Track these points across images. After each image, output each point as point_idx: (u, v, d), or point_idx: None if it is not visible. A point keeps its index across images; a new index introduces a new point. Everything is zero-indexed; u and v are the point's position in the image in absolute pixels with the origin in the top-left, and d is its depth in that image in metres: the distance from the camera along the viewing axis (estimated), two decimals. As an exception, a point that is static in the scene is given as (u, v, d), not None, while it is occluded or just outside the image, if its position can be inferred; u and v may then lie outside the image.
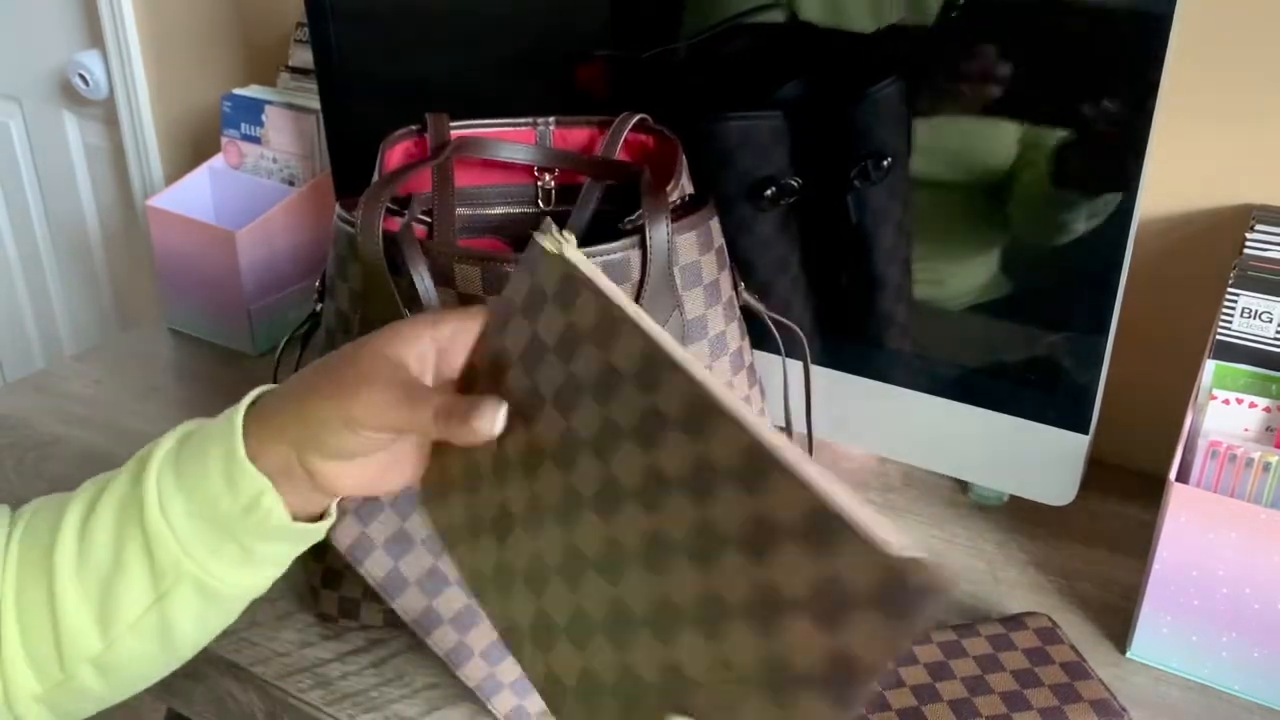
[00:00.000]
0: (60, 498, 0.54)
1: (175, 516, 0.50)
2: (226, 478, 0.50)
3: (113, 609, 0.51)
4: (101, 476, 0.54)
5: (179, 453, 0.52)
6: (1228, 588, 0.68)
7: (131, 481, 0.52)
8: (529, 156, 0.74)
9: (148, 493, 0.51)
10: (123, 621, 0.51)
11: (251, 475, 0.50)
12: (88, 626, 0.51)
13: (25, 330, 1.86)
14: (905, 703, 0.66)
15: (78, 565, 0.51)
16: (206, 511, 0.50)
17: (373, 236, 0.64)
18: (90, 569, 0.51)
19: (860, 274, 0.81)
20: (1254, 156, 0.83)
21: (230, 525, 0.51)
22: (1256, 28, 0.80)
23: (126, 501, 0.51)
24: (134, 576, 0.51)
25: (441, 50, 0.94)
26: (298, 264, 1.16)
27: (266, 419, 0.50)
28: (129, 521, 0.51)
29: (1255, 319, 0.73)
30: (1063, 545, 0.85)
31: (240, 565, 0.52)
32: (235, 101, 1.20)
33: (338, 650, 0.74)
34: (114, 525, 0.51)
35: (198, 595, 0.52)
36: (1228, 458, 0.69)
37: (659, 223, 0.64)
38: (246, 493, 0.50)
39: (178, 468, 0.51)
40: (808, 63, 0.78)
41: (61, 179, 1.68)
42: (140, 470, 0.52)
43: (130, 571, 0.51)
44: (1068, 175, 0.72)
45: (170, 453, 0.52)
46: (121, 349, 1.18)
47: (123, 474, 0.53)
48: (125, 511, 0.51)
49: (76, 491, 0.54)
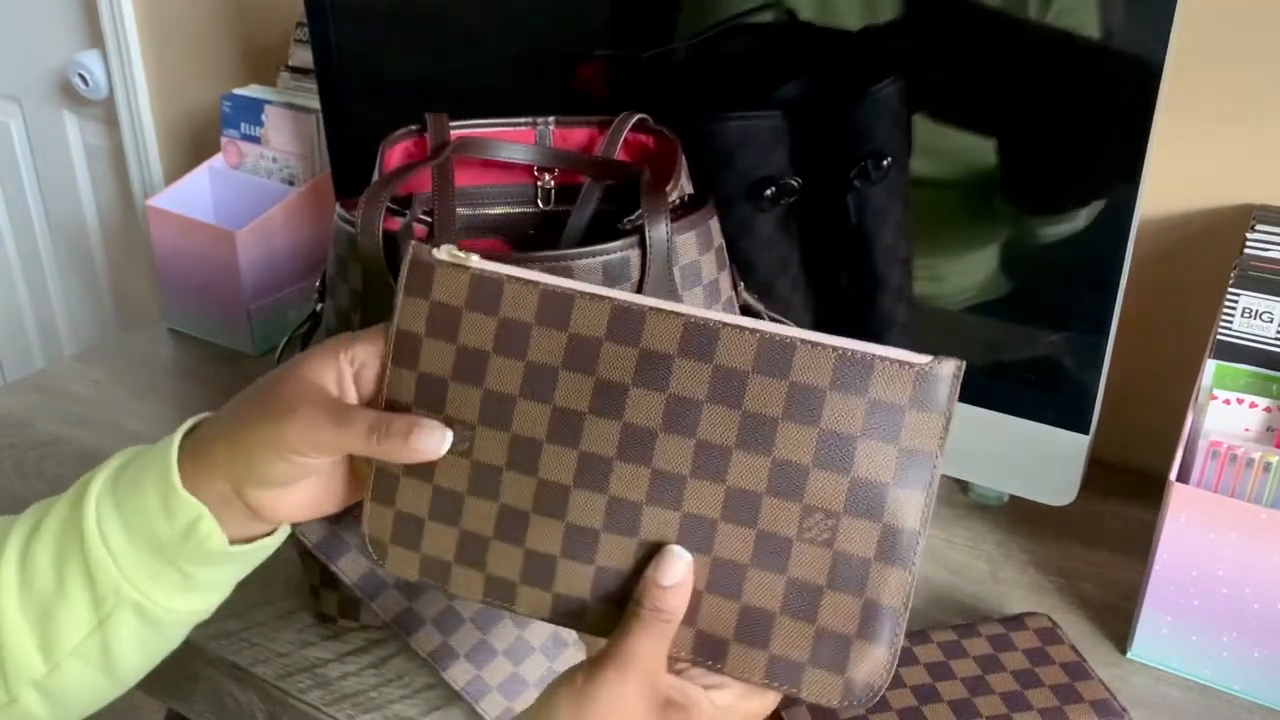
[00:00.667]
0: (4, 521, 0.54)
1: (114, 541, 0.51)
2: (163, 504, 0.50)
3: (55, 633, 0.51)
4: (44, 502, 0.54)
5: (117, 479, 0.52)
6: (1228, 588, 0.68)
7: (71, 506, 0.52)
8: (529, 156, 0.74)
9: (87, 517, 0.51)
10: (64, 646, 0.51)
11: (188, 502, 0.50)
12: (30, 649, 0.51)
13: (25, 330, 1.86)
14: (905, 703, 0.66)
15: (19, 588, 0.51)
16: (144, 537, 0.51)
17: (373, 236, 0.64)
18: (32, 592, 0.51)
19: (860, 274, 0.81)
20: (1254, 156, 0.83)
21: (169, 550, 0.51)
22: (1256, 28, 0.80)
23: (67, 526, 0.51)
24: (75, 601, 0.51)
25: (441, 50, 0.94)
26: (297, 264, 1.16)
27: (200, 455, 0.50)
28: (70, 546, 0.51)
29: (1256, 319, 0.73)
30: (1063, 545, 0.85)
31: (180, 590, 0.52)
32: (235, 101, 1.20)
33: (338, 650, 0.74)
34: (55, 549, 0.51)
35: (138, 620, 0.52)
36: (1228, 458, 0.69)
37: (658, 222, 0.64)
38: (183, 518, 0.50)
39: (115, 493, 0.51)
40: (807, 62, 0.78)
41: (61, 179, 1.68)
42: (80, 495, 0.52)
43: (71, 596, 0.51)
44: (1068, 175, 0.72)
45: (109, 479, 0.52)
46: (121, 349, 1.18)
47: (64, 499, 0.53)
48: (66, 536, 0.51)
49: (21, 515, 0.54)
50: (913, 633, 0.71)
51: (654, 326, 0.45)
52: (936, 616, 0.78)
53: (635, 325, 0.46)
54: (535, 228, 0.77)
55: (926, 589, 0.81)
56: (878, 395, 0.43)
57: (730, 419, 0.44)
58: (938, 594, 0.80)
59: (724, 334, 0.44)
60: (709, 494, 0.45)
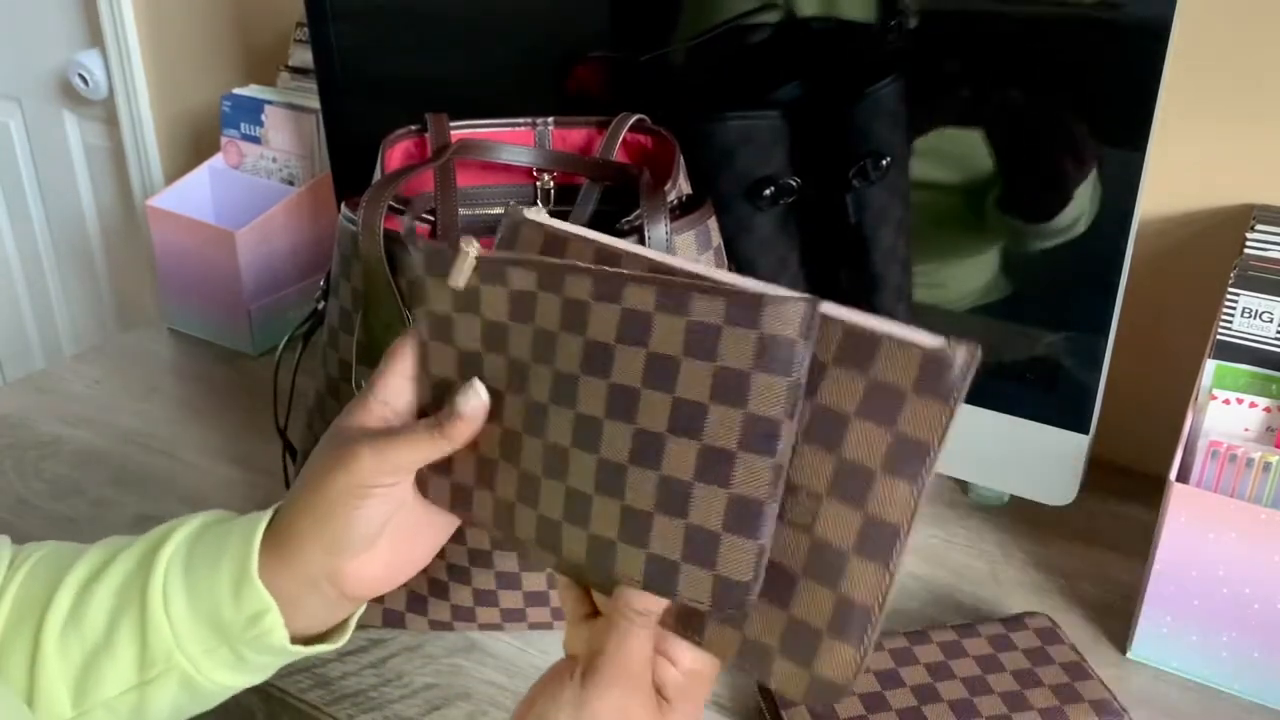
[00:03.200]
0: (70, 550, 0.54)
1: (176, 611, 0.51)
2: (234, 589, 0.50)
3: (93, 682, 0.51)
4: (114, 542, 0.54)
5: (193, 548, 0.52)
6: (1228, 588, 0.68)
7: (140, 563, 0.52)
8: (529, 159, 0.74)
9: (153, 580, 0.51)
10: (99, 696, 0.51)
11: (259, 594, 0.50)
12: (63, 693, 0.51)
13: (25, 330, 1.86)
14: (905, 703, 0.66)
15: (65, 629, 0.51)
16: (208, 614, 0.51)
17: (374, 236, 0.64)
18: (78, 638, 0.51)
19: (859, 273, 0.81)
20: (1254, 156, 0.83)
21: (229, 633, 0.51)
22: (1256, 28, 0.80)
23: (131, 581, 0.52)
24: (122, 657, 0.51)
25: (441, 50, 0.94)
26: (297, 264, 1.16)
27: (284, 537, 0.51)
28: (129, 602, 0.51)
29: (1256, 319, 0.73)
30: (1063, 545, 0.85)
31: (231, 669, 0.52)
32: (235, 101, 1.20)
33: (337, 650, 0.74)
34: (113, 601, 0.51)
35: (181, 688, 0.52)
36: (1228, 458, 0.69)
37: (657, 223, 0.64)
38: (250, 608, 0.50)
39: (188, 563, 0.52)
40: (806, 62, 0.78)
41: (61, 179, 1.68)
42: (151, 555, 0.52)
43: (119, 652, 0.51)
44: (1068, 175, 0.72)
45: (184, 545, 0.52)
46: (121, 349, 1.18)
47: (133, 550, 0.53)
48: (128, 591, 0.51)
49: (86, 551, 0.54)
50: (913, 633, 0.71)
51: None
52: (936, 616, 0.78)
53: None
54: (535, 228, 0.77)
55: (926, 589, 0.81)
56: (880, 375, 0.41)
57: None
58: (938, 594, 0.80)
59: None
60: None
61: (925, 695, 0.66)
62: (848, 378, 0.41)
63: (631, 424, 0.44)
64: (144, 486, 0.92)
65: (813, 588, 0.42)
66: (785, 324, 0.41)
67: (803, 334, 0.41)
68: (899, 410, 0.40)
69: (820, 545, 0.42)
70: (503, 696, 0.70)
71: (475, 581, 0.70)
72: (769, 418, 0.41)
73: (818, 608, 0.42)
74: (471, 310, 0.50)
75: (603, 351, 0.45)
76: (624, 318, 0.44)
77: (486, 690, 0.71)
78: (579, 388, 0.46)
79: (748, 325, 0.41)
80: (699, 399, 0.43)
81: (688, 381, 0.43)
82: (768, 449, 0.41)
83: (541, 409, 0.48)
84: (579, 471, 0.46)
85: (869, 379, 0.41)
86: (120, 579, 0.52)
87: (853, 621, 0.42)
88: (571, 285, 0.46)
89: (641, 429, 0.44)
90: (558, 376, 0.47)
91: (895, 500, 0.40)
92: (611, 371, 0.45)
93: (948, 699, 0.66)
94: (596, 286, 0.45)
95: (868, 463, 0.41)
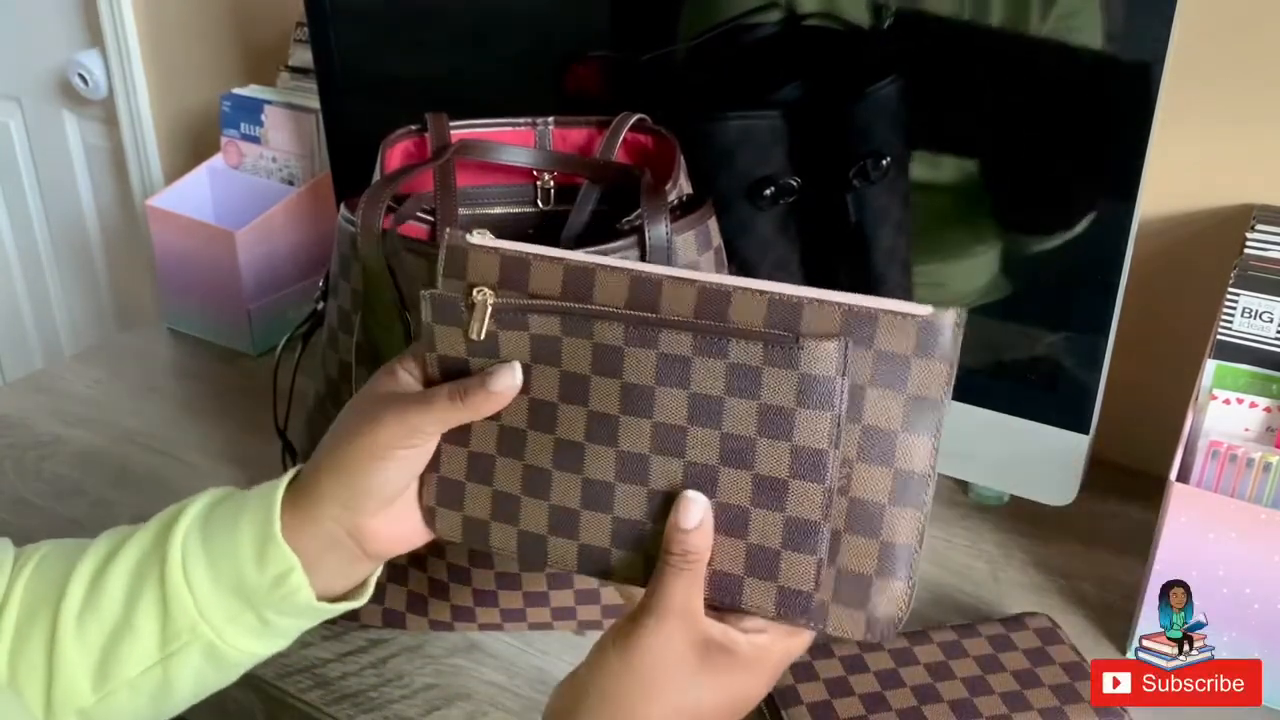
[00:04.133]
0: (74, 545, 0.54)
1: (198, 581, 0.51)
2: (258, 551, 0.51)
3: (114, 664, 0.51)
4: (120, 530, 0.55)
5: (208, 518, 0.53)
6: (1228, 588, 0.68)
7: (155, 541, 0.52)
8: (529, 160, 0.74)
9: (171, 553, 0.51)
10: (121, 677, 0.51)
11: (284, 553, 0.51)
12: (83, 680, 0.51)
13: (25, 330, 1.86)
14: (906, 703, 0.66)
15: (82, 616, 0.51)
16: (231, 580, 0.51)
17: (372, 237, 0.64)
18: (96, 622, 0.51)
19: (859, 274, 0.81)
20: (1254, 156, 0.83)
21: (254, 597, 0.52)
22: (1257, 28, 0.80)
23: (147, 560, 0.52)
24: (143, 635, 0.51)
25: (441, 50, 0.94)
26: (297, 264, 1.16)
27: (304, 496, 0.52)
28: (147, 580, 0.51)
29: (1256, 319, 0.73)
30: (1063, 545, 0.85)
31: (254, 635, 0.53)
32: (235, 101, 1.20)
33: (338, 650, 0.74)
34: (129, 582, 0.52)
35: (205, 658, 0.52)
36: (1228, 458, 0.69)
37: (657, 223, 0.64)
38: (275, 568, 0.51)
39: (205, 532, 0.52)
40: (806, 62, 0.78)
41: (61, 179, 1.68)
42: (166, 531, 0.52)
43: (140, 629, 0.51)
44: (1068, 175, 0.72)
45: (199, 517, 0.53)
46: (121, 349, 1.18)
47: (144, 531, 0.53)
48: (144, 569, 0.52)
49: (92, 542, 0.54)
50: (913, 633, 0.71)
51: (670, 293, 0.47)
52: (936, 616, 0.78)
53: (653, 294, 0.48)
54: (535, 227, 0.77)
55: (927, 589, 0.81)
56: (883, 346, 0.44)
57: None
58: (938, 594, 0.80)
59: (736, 296, 0.46)
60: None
61: (925, 695, 0.66)
62: (856, 353, 0.45)
63: (681, 458, 0.47)
64: (144, 487, 0.92)
65: (856, 541, 0.46)
66: (824, 364, 0.44)
67: (839, 370, 0.44)
68: (907, 374, 0.45)
69: (858, 503, 0.46)
70: (503, 696, 0.70)
71: (475, 581, 0.70)
72: (816, 449, 0.45)
73: (865, 556, 0.46)
74: (489, 355, 0.51)
75: (644, 394, 0.48)
76: (661, 362, 0.47)
77: (486, 690, 0.71)
78: (620, 427, 0.48)
79: (786, 366, 0.45)
80: (747, 434, 0.46)
81: (734, 418, 0.46)
82: (817, 477, 0.45)
83: (577, 447, 0.49)
84: (627, 501, 0.49)
85: (875, 351, 0.45)
86: (135, 559, 0.52)
87: (898, 560, 0.46)
88: (602, 331, 0.48)
89: (692, 462, 0.47)
90: (593, 416, 0.49)
91: (919, 453, 0.45)
92: (654, 411, 0.47)
93: (948, 699, 0.66)
94: (629, 332, 0.48)
95: (889, 425, 0.45)
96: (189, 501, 0.54)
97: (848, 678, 0.67)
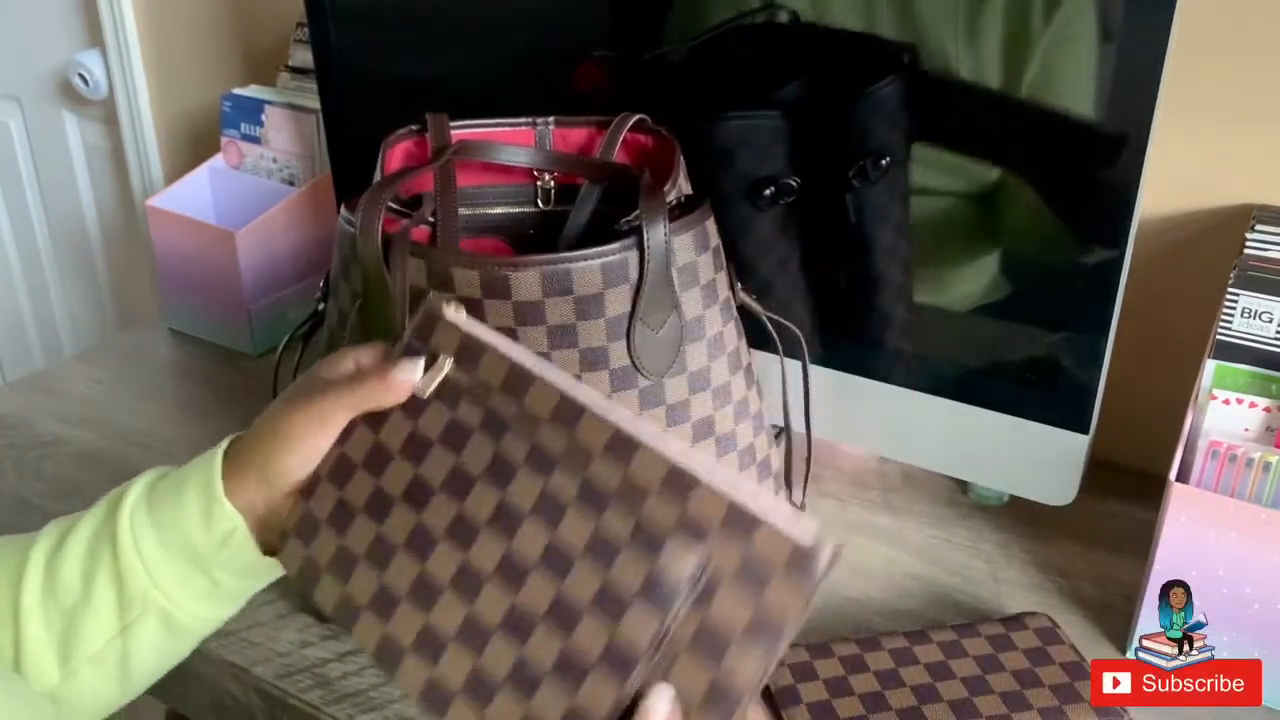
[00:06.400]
0: (21, 538, 0.56)
1: (147, 549, 0.53)
2: (203, 513, 0.53)
3: (75, 640, 0.52)
4: (64, 519, 0.56)
5: (152, 491, 0.55)
6: (1228, 588, 0.68)
7: (104, 518, 0.54)
8: (529, 160, 0.74)
9: (120, 526, 0.53)
10: (83, 653, 0.53)
11: (228, 511, 0.53)
12: (48, 659, 0.52)
13: (25, 330, 1.86)
14: (905, 703, 0.66)
15: (43, 602, 0.53)
16: (179, 545, 0.53)
17: (371, 238, 0.64)
18: (56, 601, 0.53)
19: (859, 273, 0.81)
20: (1254, 156, 0.83)
21: (203, 558, 0.53)
22: (1256, 27, 0.80)
23: (98, 537, 0.54)
24: (101, 607, 0.53)
25: (441, 50, 0.94)
26: (297, 264, 1.16)
27: (238, 462, 0.55)
28: (100, 555, 0.53)
29: (1255, 319, 0.73)
30: (1063, 545, 0.85)
31: (206, 598, 0.55)
32: (235, 101, 1.20)
33: (338, 650, 0.74)
34: (84, 559, 0.53)
35: (161, 627, 0.54)
36: (1228, 458, 0.69)
37: (656, 223, 0.64)
38: (221, 527, 0.53)
39: (150, 504, 0.54)
40: (806, 63, 0.78)
41: (61, 179, 1.68)
42: (113, 509, 0.54)
43: (97, 602, 0.53)
44: (1068, 175, 0.72)
45: (143, 492, 0.55)
46: (121, 349, 1.18)
47: (92, 514, 0.55)
48: (97, 545, 0.53)
49: (39, 532, 0.56)
50: (913, 633, 0.71)
51: (587, 424, 0.48)
52: (936, 616, 0.78)
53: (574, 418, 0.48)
54: (535, 227, 0.77)
55: (926, 589, 0.81)
56: (755, 552, 0.42)
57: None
58: (937, 594, 0.80)
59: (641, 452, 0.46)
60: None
61: (925, 695, 0.66)
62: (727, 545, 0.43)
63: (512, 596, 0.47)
64: (144, 486, 0.92)
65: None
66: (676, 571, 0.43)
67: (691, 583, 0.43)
68: (766, 587, 0.42)
69: None
70: (503, 696, 0.70)
71: None
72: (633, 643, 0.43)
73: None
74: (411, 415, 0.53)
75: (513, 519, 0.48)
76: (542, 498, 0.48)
77: (486, 690, 0.71)
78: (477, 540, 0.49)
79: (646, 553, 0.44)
80: (581, 602, 0.45)
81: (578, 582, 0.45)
82: (621, 674, 0.43)
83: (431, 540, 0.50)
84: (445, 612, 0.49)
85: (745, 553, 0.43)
86: (87, 539, 0.54)
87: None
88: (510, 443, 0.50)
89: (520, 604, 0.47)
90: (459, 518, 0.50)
91: (745, 669, 0.42)
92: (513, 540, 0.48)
93: (948, 699, 0.66)
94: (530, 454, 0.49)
95: (728, 628, 0.42)
96: (131, 481, 0.56)
97: (847, 678, 0.67)
